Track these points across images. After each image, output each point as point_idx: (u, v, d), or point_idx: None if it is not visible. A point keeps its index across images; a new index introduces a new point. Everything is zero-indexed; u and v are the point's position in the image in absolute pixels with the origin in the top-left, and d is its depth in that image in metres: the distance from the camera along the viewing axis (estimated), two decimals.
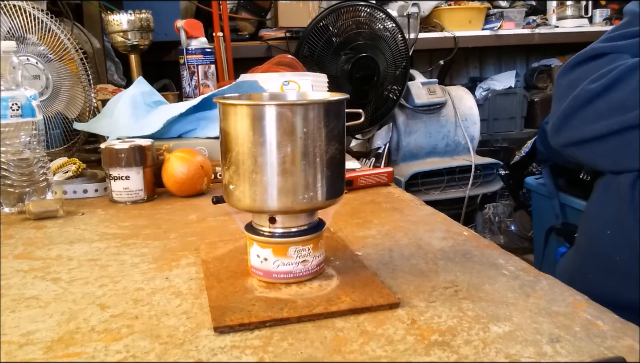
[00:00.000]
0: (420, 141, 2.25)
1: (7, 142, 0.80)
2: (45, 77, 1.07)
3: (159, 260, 0.62)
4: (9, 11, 1.03)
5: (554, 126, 0.77)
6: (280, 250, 0.52)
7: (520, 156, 2.11)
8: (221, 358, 0.42)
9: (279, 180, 0.49)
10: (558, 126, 0.76)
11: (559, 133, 0.77)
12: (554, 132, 0.77)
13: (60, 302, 0.52)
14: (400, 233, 0.69)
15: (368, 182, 0.91)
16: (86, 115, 1.14)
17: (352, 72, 1.94)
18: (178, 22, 1.33)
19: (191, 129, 1.02)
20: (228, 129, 0.50)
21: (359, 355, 0.42)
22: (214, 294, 0.51)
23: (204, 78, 1.34)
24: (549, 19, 2.69)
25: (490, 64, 3.05)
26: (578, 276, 0.81)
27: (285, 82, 1.16)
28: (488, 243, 0.65)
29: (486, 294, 0.52)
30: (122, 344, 0.44)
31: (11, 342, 0.45)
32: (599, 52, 0.76)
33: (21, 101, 0.80)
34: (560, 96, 0.77)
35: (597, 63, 0.75)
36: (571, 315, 0.48)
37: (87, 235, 0.72)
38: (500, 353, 0.42)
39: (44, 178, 0.84)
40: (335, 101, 0.51)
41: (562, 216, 1.73)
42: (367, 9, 1.99)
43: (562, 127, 0.76)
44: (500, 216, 2.46)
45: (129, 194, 0.85)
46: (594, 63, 0.75)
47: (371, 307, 0.49)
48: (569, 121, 0.74)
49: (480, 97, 2.61)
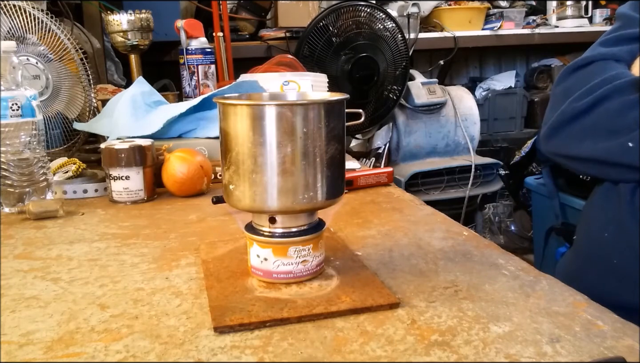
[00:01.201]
0: (420, 141, 2.25)
1: (7, 142, 0.80)
2: (45, 77, 1.07)
3: (159, 260, 0.62)
4: (9, 11, 1.03)
5: (544, 135, 0.79)
6: (280, 250, 0.52)
7: (520, 156, 2.11)
8: (221, 358, 0.42)
9: (279, 180, 0.49)
10: (547, 136, 0.78)
11: (548, 143, 0.79)
12: (544, 140, 0.79)
13: (60, 302, 0.52)
14: (400, 233, 0.69)
15: (368, 182, 0.91)
16: (86, 115, 1.14)
17: (352, 72, 1.94)
18: (178, 22, 1.34)
19: (191, 129, 1.02)
20: (228, 129, 0.50)
21: (359, 355, 0.42)
22: (214, 294, 0.51)
23: (204, 78, 1.34)
24: (549, 19, 2.69)
25: (490, 64, 3.05)
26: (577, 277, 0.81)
27: (285, 82, 1.16)
28: (488, 243, 0.65)
29: (486, 294, 0.52)
30: (122, 344, 0.44)
31: (11, 342, 0.45)
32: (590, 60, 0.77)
33: (21, 101, 0.80)
34: (553, 104, 0.79)
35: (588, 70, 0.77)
36: (571, 315, 0.48)
37: (87, 235, 0.72)
38: (500, 353, 0.42)
39: (44, 178, 0.84)
40: (335, 101, 0.51)
41: (562, 216, 1.73)
42: (367, 9, 1.99)
43: (550, 138, 0.78)
44: (500, 216, 2.46)
45: (129, 194, 0.85)
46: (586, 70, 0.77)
47: (371, 307, 0.49)
48: (557, 133, 0.76)
49: (480, 97, 2.61)
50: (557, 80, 0.81)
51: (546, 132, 0.78)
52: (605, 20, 2.77)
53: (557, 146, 0.77)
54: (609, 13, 2.79)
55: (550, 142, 0.78)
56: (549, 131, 0.77)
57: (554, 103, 0.79)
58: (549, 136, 0.77)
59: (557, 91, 0.80)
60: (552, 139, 0.77)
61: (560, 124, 0.75)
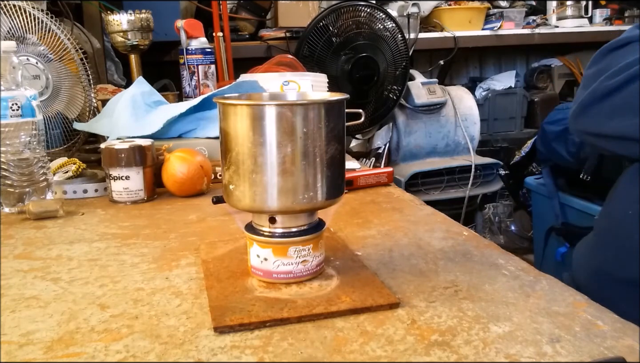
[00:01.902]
0: (420, 141, 2.25)
1: (7, 142, 0.80)
2: (45, 77, 1.07)
3: (159, 260, 0.62)
4: (9, 11, 1.03)
5: (573, 113, 0.79)
6: (280, 250, 0.52)
7: (520, 156, 2.11)
8: (221, 358, 0.42)
9: (279, 180, 0.49)
10: (577, 114, 0.78)
11: (577, 121, 0.78)
12: (573, 119, 0.79)
13: (60, 302, 0.52)
14: (400, 233, 0.69)
15: (368, 182, 0.91)
16: (86, 115, 1.14)
17: (352, 72, 1.94)
18: (178, 22, 1.33)
19: (191, 129, 1.02)
20: (228, 129, 0.50)
21: (359, 355, 0.42)
22: (214, 294, 0.51)
23: (204, 78, 1.34)
24: (549, 19, 2.69)
25: (490, 64, 3.05)
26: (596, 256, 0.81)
27: (285, 82, 1.16)
28: (488, 243, 0.65)
29: (486, 294, 0.52)
30: (122, 344, 0.44)
31: (11, 342, 0.45)
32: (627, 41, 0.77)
33: (21, 101, 0.80)
34: (585, 84, 0.79)
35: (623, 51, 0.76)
36: (571, 315, 0.48)
37: (87, 234, 0.72)
38: (500, 353, 0.42)
39: (44, 178, 0.84)
40: (335, 101, 0.51)
41: (562, 216, 1.73)
42: (367, 9, 1.99)
43: (580, 116, 0.77)
44: (500, 216, 2.46)
45: (129, 194, 0.85)
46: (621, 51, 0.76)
47: (371, 307, 0.49)
48: (586, 111, 0.76)
49: (480, 97, 2.61)
50: (591, 62, 0.81)
51: (576, 111, 0.78)
52: (605, 20, 2.77)
53: (586, 124, 0.77)
54: (609, 13, 2.78)
55: (579, 120, 0.77)
56: (579, 109, 0.77)
57: (585, 83, 0.79)
58: (578, 114, 0.77)
59: (590, 72, 0.79)
60: (581, 117, 0.77)
61: (590, 102, 0.75)
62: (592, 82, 0.76)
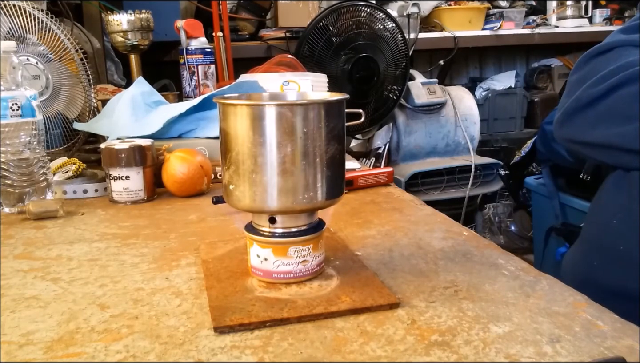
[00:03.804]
0: (420, 141, 2.25)
1: (7, 142, 0.80)
2: (45, 77, 1.07)
3: (159, 260, 0.62)
4: (9, 11, 1.03)
5: (558, 121, 0.78)
6: (280, 250, 0.52)
7: (520, 156, 2.11)
8: (221, 358, 0.42)
9: (279, 180, 0.49)
10: (561, 122, 0.77)
11: (562, 129, 0.78)
12: (558, 126, 0.78)
13: (60, 302, 0.52)
14: (400, 233, 0.69)
15: (368, 182, 0.91)
16: (86, 115, 1.14)
17: (352, 72, 1.94)
18: (178, 22, 1.34)
19: (191, 129, 1.02)
20: (228, 129, 0.50)
21: (359, 355, 0.42)
22: (214, 294, 0.51)
23: (204, 78, 1.34)
24: (549, 19, 2.69)
25: (490, 64, 3.05)
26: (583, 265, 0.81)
27: (285, 82, 1.16)
28: (488, 243, 0.65)
29: (486, 294, 0.52)
30: (122, 344, 0.44)
31: (11, 342, 0.45)
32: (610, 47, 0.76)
33: (21, 101, 0.80)
34: (569, 91, 0.78)
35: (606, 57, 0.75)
36: (571, 315, 0.48)
37: (87, 235, 0.72)
38: (500, 353, 0.42)
39: (44, 178, 0.84)
40: (335, 101, 0.51)
41: (562, 216, 1.73)
42: (367, 9, 1.99)
43: (564, 123, 0.76)
44: (500, 216, 2.46)
45: (129, 194, 0.85)
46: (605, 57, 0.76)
47: (371, 307, 0.49)
48: (571, 119, 0.75)
49: (480, 97, 2.61)
50: (575, 67, 0.80)
51: (560, 118, 0.77)
52: (605, 20, 2.77)
53: (571, 132, 0.76)
54: (609, 13, 2.79)
55: (563, 128, 0.77)
56: (563, 117, 0.76)
57: (569, 90, 0.78)
58: (562, 121, 0.76)
59: (574, 78, 0.78)
60: (566, 125, 0.76)
61: (574, 110, 0.74)
62: (576, 89, 0.75)
